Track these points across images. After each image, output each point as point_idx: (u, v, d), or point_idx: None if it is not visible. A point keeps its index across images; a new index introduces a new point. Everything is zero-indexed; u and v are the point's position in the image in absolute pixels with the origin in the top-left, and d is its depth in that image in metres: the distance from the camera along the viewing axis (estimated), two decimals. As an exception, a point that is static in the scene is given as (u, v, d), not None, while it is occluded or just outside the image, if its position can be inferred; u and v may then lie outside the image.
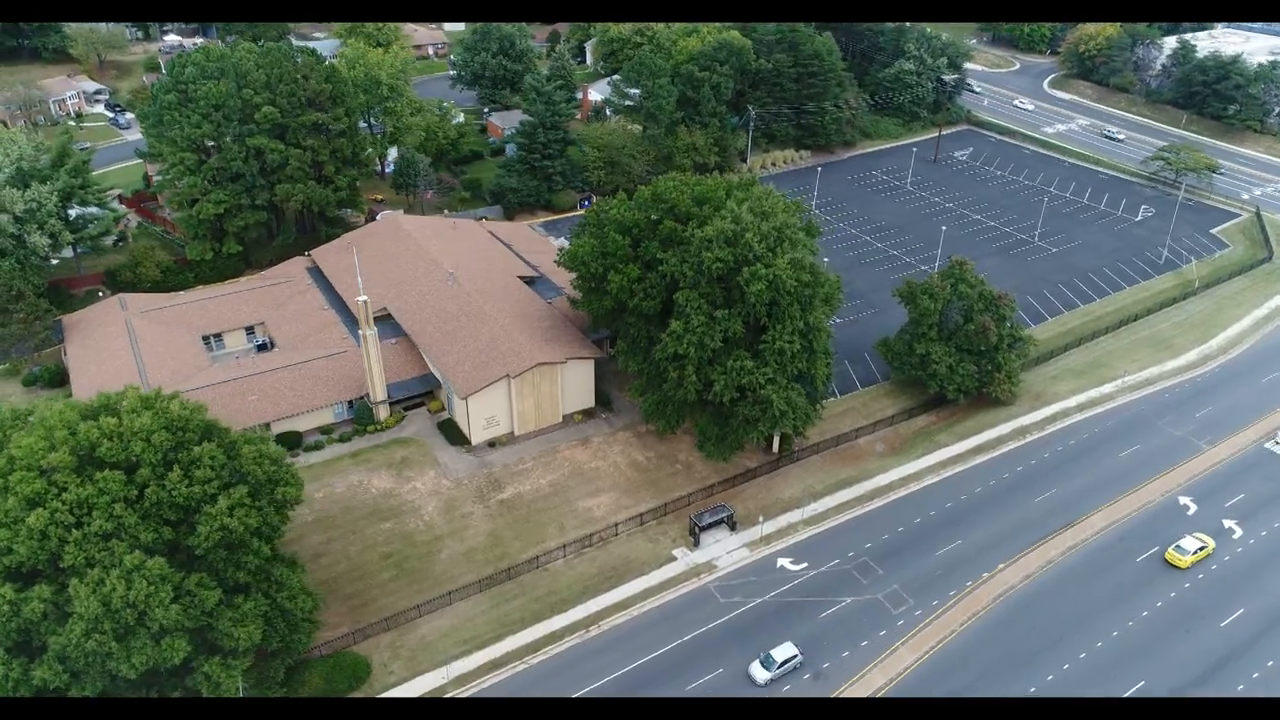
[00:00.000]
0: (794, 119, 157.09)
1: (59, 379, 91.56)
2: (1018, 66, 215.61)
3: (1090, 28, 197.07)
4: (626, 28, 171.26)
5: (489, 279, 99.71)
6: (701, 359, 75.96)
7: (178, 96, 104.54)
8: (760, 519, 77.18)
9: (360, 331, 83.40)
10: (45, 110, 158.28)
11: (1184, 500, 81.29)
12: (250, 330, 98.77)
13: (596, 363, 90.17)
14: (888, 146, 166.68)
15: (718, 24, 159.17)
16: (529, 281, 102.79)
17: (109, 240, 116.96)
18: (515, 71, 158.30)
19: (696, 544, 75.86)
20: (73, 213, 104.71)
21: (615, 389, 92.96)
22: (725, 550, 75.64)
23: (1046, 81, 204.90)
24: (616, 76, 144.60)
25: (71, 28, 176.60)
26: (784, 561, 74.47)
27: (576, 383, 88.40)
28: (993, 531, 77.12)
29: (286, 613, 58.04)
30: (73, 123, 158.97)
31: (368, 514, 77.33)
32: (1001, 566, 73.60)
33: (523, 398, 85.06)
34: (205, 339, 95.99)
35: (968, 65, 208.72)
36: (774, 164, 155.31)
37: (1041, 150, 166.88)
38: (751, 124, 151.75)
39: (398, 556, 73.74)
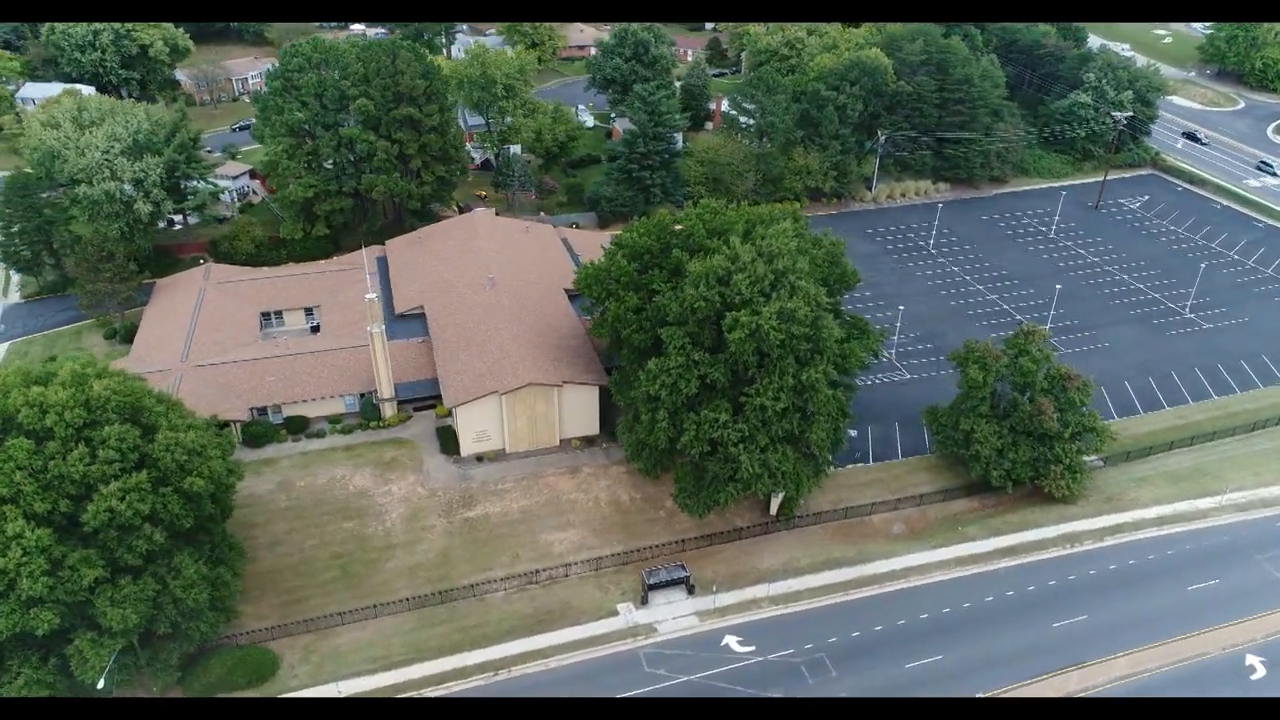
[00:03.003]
0: (935, 148, 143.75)
1: (133, 336, 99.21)
2: (1241, 105, 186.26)
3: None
4: (775, 39, 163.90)
5: (531, 288, 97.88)
6: (676, 404, 70.03)
7: (283, 84, 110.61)
8: (714, 587, 70.24)
9: (368, 329, 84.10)
10: (229, 88, 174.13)
11: (1252, 660, 65.60)
12: (309, 311, 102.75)
13: (609, 390, 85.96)
14: (1046, 186, 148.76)
15: (859, 40, 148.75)
16: (575, 295, 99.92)
17: (226, 211, 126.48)
18: (646, 77, 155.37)
19: (644, 602, 70.20)
20: (191, 184, 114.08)
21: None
22: (673, 614, 69.47)
23: (1272, 126, 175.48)
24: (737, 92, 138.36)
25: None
26: (731, 639, 67.26)
27: (578, 408, 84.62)
28: (985, 653, 65.75)
29: (178, 600, 58.78)
30: (246, 99, 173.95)
31: (336, 510, 77.77)
32: (977, 697, 62.49)
33: (515, 416, 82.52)
34: (265, 315, 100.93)
35: (1178, 101, 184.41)
36: (903, 195, 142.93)
37: (1235, 206, 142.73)
38: (880, 149, 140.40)
39: (346, 559, 73.53)
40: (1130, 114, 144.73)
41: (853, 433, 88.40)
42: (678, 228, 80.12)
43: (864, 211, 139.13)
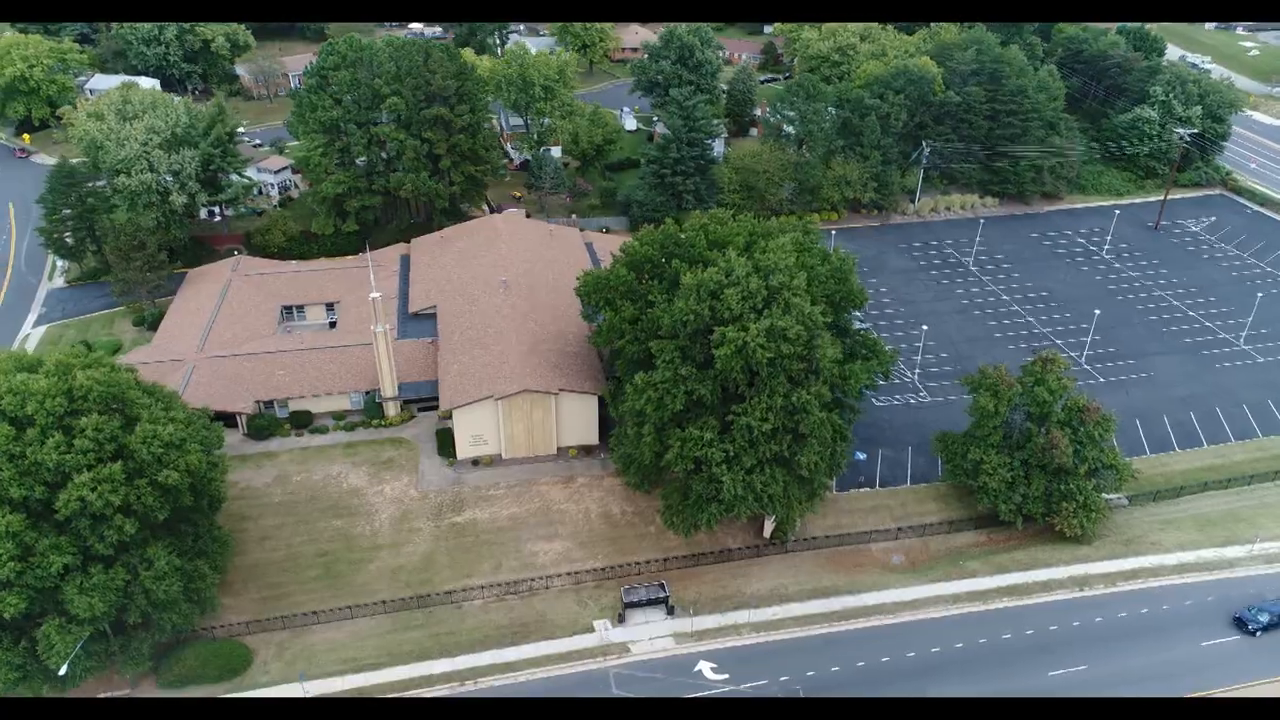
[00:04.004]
0: (984, 161, 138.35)
1: (159, 323, 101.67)
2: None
3: None
4: (827, 44, 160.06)
5: (544, 292, 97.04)
6: (662, 419, 68.19)
7: (318, 81, 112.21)
8: (690, 610, 68.17)
9: (372, 328, 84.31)
10: (285, 83, 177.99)
11: (1265, 727, 60.67)
12: (330, 307, 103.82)
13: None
14: (1104, 204, 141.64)
15: (909, 47, 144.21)
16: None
17: (266, 205, 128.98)
18: (690, 81, 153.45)
19: (621, 620, 68.59)
20: (226, 177, 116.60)
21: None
22: (649, 635, 67.71)
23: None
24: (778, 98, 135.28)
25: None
26: (705, 666, 65.19)
27: (576, 416, 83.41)
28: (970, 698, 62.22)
29: (149, 591, 59.43)
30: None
31: (327, 508, 78.10)
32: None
33: (511, 421, 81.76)
34: (287, 309, 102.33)
35: (1258, 118, 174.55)
36: (947, 209, 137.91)
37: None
38: (924, 161, 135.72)
39: (330, 558, 73.73)
40: (1195, 131, 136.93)
41: (861, 455, 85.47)
42: (683, 237, 78.28)
43: (905, 225, 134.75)
